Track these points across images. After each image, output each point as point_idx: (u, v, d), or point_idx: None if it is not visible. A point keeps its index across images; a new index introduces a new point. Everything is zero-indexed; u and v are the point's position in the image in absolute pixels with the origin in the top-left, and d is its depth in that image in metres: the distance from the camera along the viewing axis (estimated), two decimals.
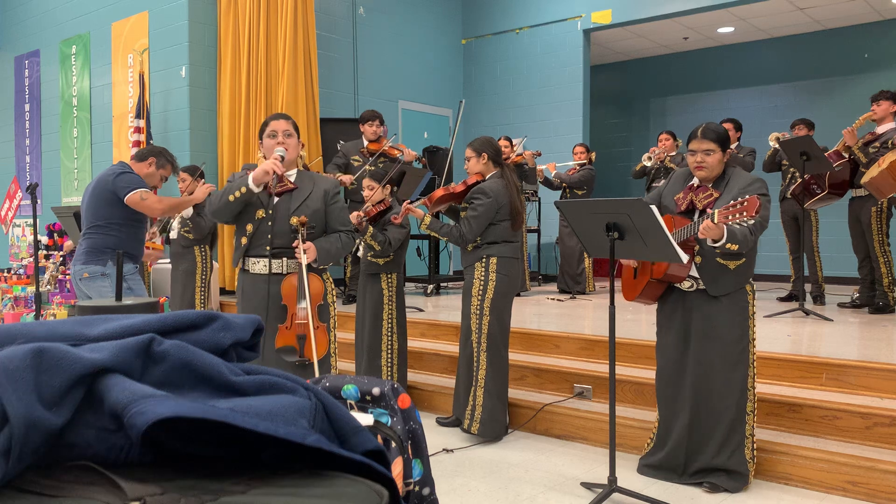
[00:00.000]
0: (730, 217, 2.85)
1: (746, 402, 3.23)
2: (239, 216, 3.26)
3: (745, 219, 2.83)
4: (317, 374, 3.04)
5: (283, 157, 3.17)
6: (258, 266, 3.25)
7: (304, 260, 3.15)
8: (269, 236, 3.21)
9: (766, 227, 3.13)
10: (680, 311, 3.32)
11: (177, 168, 4.40)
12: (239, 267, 3.34)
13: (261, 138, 3.34)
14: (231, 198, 3.17)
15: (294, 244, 3.17)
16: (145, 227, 4.33)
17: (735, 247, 3.01)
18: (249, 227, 3.23)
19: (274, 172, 3.11)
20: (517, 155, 7.34)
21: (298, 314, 3.21)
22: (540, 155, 7.79)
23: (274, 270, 3.23)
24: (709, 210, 3.12)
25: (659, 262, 3.22)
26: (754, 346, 3.27)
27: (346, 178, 6.23)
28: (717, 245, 3.01)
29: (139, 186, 4.03)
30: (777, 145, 6.39)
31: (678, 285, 3.30)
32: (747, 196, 2.87)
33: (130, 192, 4.00)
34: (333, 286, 3.44)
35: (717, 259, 3.15)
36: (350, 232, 3.40)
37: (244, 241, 3.25)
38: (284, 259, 3.23)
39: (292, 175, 3.31)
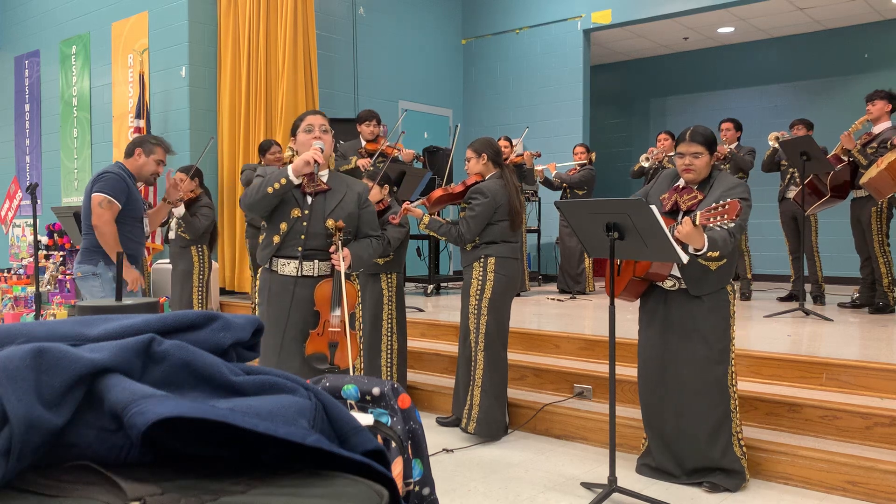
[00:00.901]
0: (710, 220, 2.87)
1: (730, 400, 3.25)
2: (272, 213, 3.16)
3: (726, 222, 2.85)
4: None
5: (321, 149, 3.08)
6: (288, 267, 3.16)
7: (343, 267, 3.08)
8: (303, 237, 3.12)
9: (744, 229, 3.16)
10: (661, 309, 3.34)
11: (166, 146, 4.18)
12: (264, 266, 3.25)
13: (294, 134, 3.27)
14: (270, 190, 3.07)
15: (331, 249, 3.10)
16: (142, 226, 4.21)
17: (716, 253, 3.04)
18: (283, 226, 3.13)
19: (315, 162, 3.03)
20: (517, 155, 7.34)
21: (332, 321, 3.12)
22: (539, 156, 7.78)
23: (305, 273, 3.14)
24: (692, 211, 3.15)
25: (641, 261, 3.24)
26: (734, 345, 3.30)
27: (364, 161, 6.15)
28: (699, 253, 3.03)
29: (104, 191, 3.88)
30: (777, 145, 6.39)
31: (660, 284, 3.31)
32: (728, 199, 2.89)
33: (94, 193, 3.89)
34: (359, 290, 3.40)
35: (699, 260, 3.17)
36: (379, 237, 3.34)
37: (276, 239, 3.15)
38: (316, 262, 3.15)
39: (324, 175, 3.22)
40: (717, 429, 3.23)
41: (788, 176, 6.55)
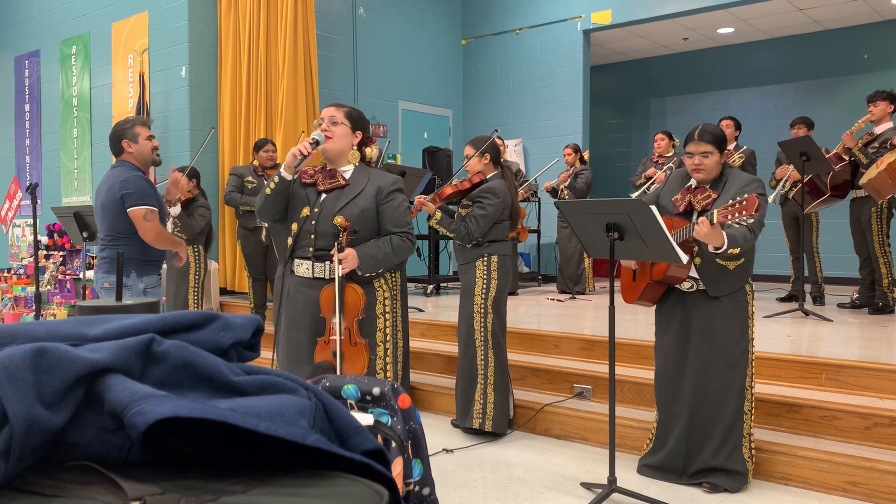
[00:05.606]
0: (729, 217, 2.85)
1: (745, 402, 3.23)
2: (287, 216, 3.08)
3: (745, 217, 2.83)
4: None
5: (317, 141, 2.94)
6: (301, 268, 3.01)
7: (339, 270, 2.86)
8: (313, 237, 2.97)
9: (763, 225, 3.13)
10: (679, 311, 3.31)
11: (143, 121, 4.04)
12: (284, 268, 3.13)
13: None
14: (267, 190, 2.99)
15: (332, 251, 2.89)
16: (165, 225, 4.06)
17: (737, 250, 3.01)
18: (294, 227, 3.02)
19: (302, 154, 2.89)
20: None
21: (334, 329, 2.93)
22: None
23: (317, 275, 2.98)
24: (707, 211, 3.13)
25: (658, 264, 3.22)
26: (753, 346, 3.27)
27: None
28: (718, 252, 3.01)
29: (143, 203, 3.74)
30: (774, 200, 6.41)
31: (678, 286, 3.29)
32: (746, 195, 2.87)
33: (132, 208, 3.76)
34: (387, 295, 3.12)
35: (717, 260, 3.15)
36: (405, 234, 3.03)
37: (289, 241, 3.04)
38: (328, 263, 2.96)
39: (347, 171, 3.06)
40: (730, 430, 3.21)
41: (785, 180, 6.54)
